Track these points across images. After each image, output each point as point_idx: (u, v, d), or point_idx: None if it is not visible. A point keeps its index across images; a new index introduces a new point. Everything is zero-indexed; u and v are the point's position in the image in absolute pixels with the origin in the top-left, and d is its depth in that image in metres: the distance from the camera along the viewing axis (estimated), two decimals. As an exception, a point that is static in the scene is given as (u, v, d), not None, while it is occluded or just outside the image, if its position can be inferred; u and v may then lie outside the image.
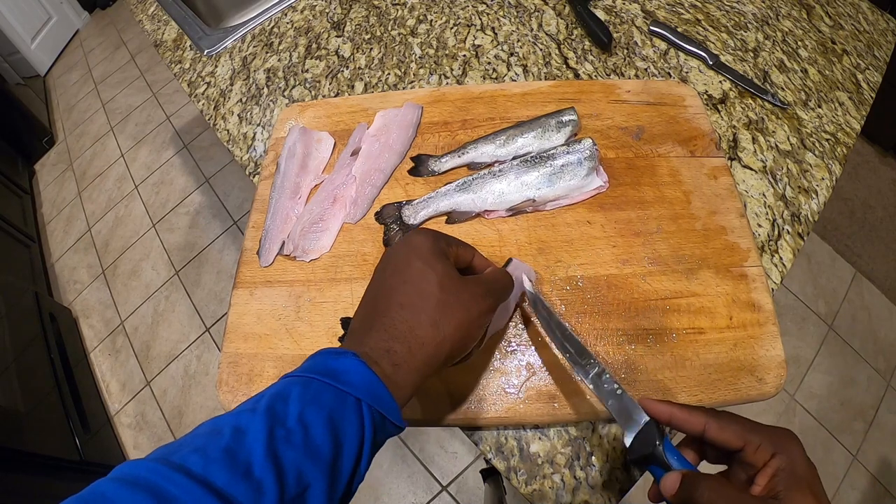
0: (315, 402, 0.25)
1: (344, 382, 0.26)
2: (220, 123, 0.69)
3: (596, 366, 0.36)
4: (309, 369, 0.28)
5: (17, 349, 1.27)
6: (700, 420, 0.31)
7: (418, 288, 0.32)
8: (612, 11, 0.71)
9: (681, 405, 0.32)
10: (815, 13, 0.69)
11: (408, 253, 0.34)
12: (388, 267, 0.35)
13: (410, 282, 0.32)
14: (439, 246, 0.35)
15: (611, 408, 0.34)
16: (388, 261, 0.35)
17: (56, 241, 1.89)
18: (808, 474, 0.28)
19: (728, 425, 0.30)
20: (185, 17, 0.85)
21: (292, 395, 0.26)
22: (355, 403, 0.26)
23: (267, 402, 0.25)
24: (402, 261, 0.34)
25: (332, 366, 0.27)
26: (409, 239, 0.35)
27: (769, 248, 0.51)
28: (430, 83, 0.67)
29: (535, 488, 0.42)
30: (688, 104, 0.56)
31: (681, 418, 0.31)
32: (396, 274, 0.33)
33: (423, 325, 0.30)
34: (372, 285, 0.35)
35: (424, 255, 0.33)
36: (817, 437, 1.22)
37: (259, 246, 0.52)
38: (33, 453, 1.11)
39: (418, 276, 0.32)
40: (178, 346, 1.54)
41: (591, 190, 0.50)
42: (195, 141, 2.01)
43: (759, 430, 0.30)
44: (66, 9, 2.65)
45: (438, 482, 1.23)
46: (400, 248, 0.35)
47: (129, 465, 0.23)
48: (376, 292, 0.34)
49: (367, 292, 0.35)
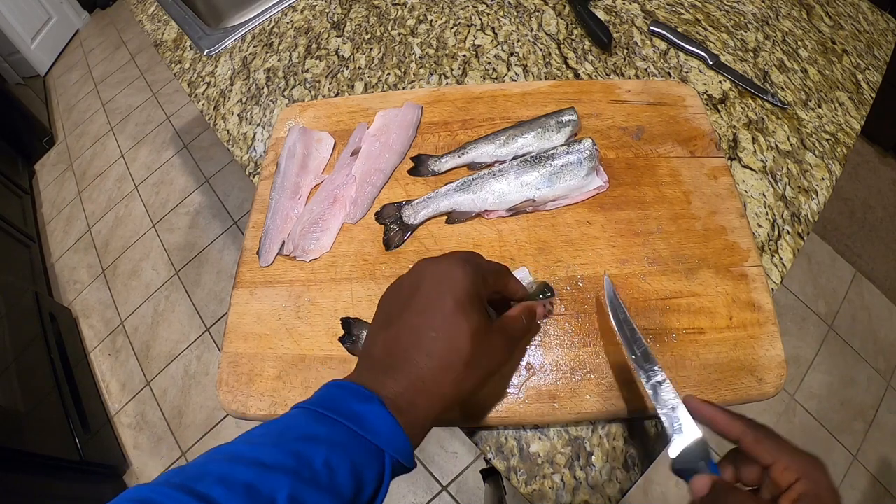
0: (340, 448, 0.25)
1: (370, 431, 0.26)
2: (220, 123, 0.69)
3: (659, 373, 0.36)
4: (334, 409, 0.27)
5: (17, 349, 1.27)
6: (739, 428, 0.31)
7: (450, 340, 0.30)
8: (612, 11, 0.71)
9: (724, 409, 0.32)
10: (815, 13, 0.69)
11: (443, 289, 0.31)
12: (420, 296, 0.32)
13: (442, 330, 0.30)
14: (476, 287, 0.32)
15: (664, 416, 0.34)
16: (420, 287, 0.32)
17: (56, 241, 1.89)
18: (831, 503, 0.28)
19: (764, 439, 0.30)
20: (185, 17, 0.85)
21: (319, 437, 0.25)
22: (378, 452, 0.26)
23: (293, 444, 0.25)
24: (435, 296, 0.31)
25: (357, 411, 0.27)
26: (447, 271, 0.32)
27: (769, 248, 0.51)
28: (430, 83, 0.67)
29: (535, 488, 0.42)
30: (688, 104, 0.56)
31: (721, 422, 0.32)
32: (428, 312, 0.31)
33: (448, 382, 0.30)
34: (396, 306, 0.33)
35: (461, 297, 0.31)
36: (817, 437, 1.22)
37: (259, 246, 0.52)
38: (33, 453, 1.11)
39: (451, 326, 0.30)
40: (178, 346, 1.54)
41: (591, 190, 0.50)
42: (195, 141, 2.01)
43: (791, 451, 0.30)
44: (66, 9, 2.65)
45: (438, 482, 1.23)
46: (435, 277, 0.32)
47: (146, 489, 0.23)
48: (402, 324, 0.31)
49: (391, 313, 0.32)
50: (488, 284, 0.34)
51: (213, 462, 0.24)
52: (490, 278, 0.35)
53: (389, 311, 0.33)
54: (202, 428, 1.40)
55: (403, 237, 0.50)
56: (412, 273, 0.34)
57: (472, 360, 0.30)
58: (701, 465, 0.31)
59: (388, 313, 0.33)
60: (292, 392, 0.44)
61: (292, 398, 0.44)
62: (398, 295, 0.33)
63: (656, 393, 0.36)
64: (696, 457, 0.32)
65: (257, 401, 0.44)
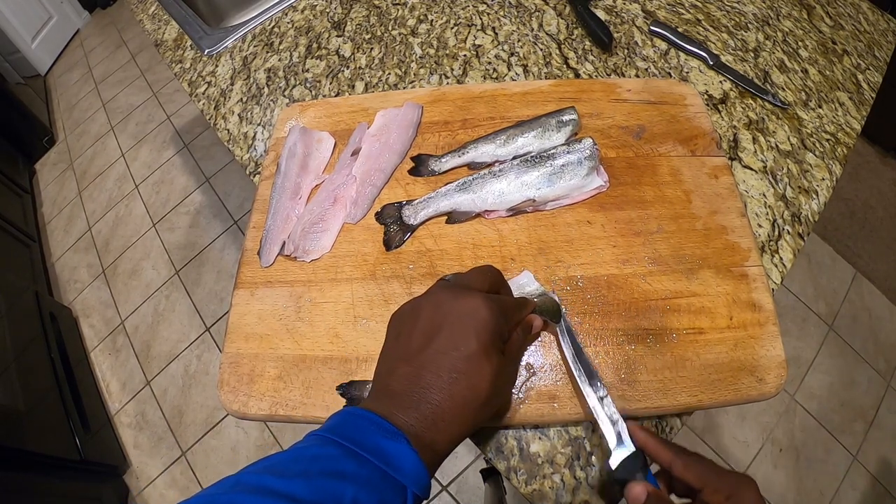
0: (369, 486, 0.26)
1: (397, 469, 0.27)
2: (220, 123, 0.69)
3: (601, 388, 0.39)
4: (361, 445, 0.27)
5: (17, 348, 1.27)
6: (668, 456, 0.33)
7: (472, 382, 0.30)
8: (612, 11, 0.71)
9: (658, 438, 0.35)
10: (815, 13, 0.69)
11: (467, 330, 0.31)
12: (444, 334, 0.31)
13: (465, 373, 0.30)
14: (500, 328, 0.32)
15: (605, 429, 0.37)
16: (443, 325, 0.31)
17: (56, 240, 1.89)
18: None
19: (692, 466, 0.32)
20: (185, 16, 0.85)
21: (348, 474, 0.26)
22: (402, 489, 0.27)
23: (323, 479, 0.25)
24: (459, 336, 0.31)
25: (385, 448, 0.27)
26: (473, 312, 0.31)
27: (769, 248, 0.51)
28: (430, 83, 0.67)
29: (535, 488, 0.42)
30: (689, 103, 0.56)
31: (652, 449, 0.34)
32: (451, 352, 0.30)
33: (467, 420, 0.31)
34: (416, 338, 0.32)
35: (485, 340, 0.31)
36: (818, 437, 1.22)
37: (260, 246, 0.52)
38: (33, 452, 1.11)
39: (475, 369, 0.30)
40: (179, 345, 1.54)
41: (591, 189, 0.50)
42: (196, 140, 2.01)
43: (719, 474, 0.32)
44: (67, 8, 2.65)
45: (438, 482, 1.23)
46: (460, 316, 0.31)
47: None
48: (424, 361, 0.31)
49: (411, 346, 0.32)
50: (510, 322, 0.35)
51: (241, 494, 0.24)
52: (512, 315, 0.35)
53: (409, 343, 0.32)
54: (202, 427, 1.40)
55: (404, 237, 0.50)
56: (432, 303, 0.33)
57: (490, 399, 0.31)
58: (639, 475, 0.34)
59: (409, 346, 0.32)
60: (293, 392, 0.44)
61: (293, 398, 0.44)
62: (417, 324, 0.33)
63: (599, 407, 0.38)
64: (635, 467, 0.34)
65: (258, 401, 0.44)
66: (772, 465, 1.19)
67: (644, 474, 0.34)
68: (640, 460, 0.35)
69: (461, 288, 0.34)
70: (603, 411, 0.37)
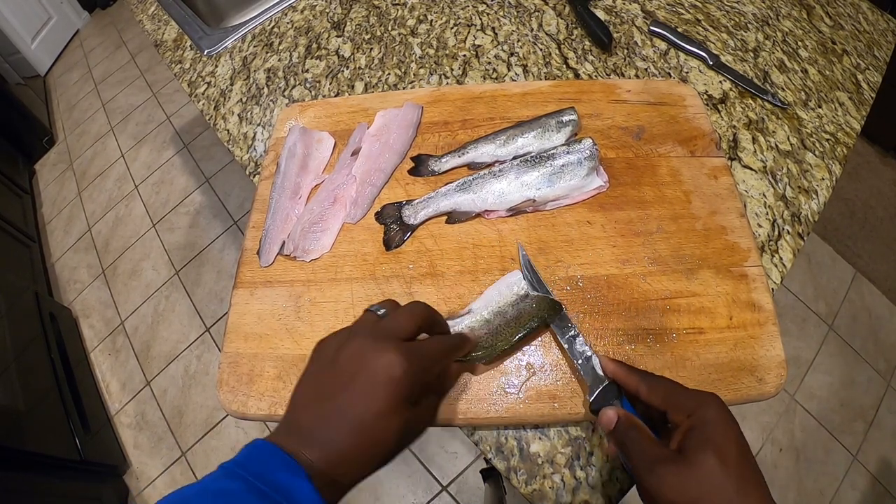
0: None
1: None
2: (220, 123, 0.69)
3: (573, 328, 0.42)
4: (262, 478, 0.28)
5: (17, 349, 1.27)
6: (634, 381, 0.35)
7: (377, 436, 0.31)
8: (612, 11, 0.71)
9: (626, 367, 0.37)
10: (815, 13, 0.69)
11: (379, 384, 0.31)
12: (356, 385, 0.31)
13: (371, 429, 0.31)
14: (412, 385, 0.31)
15: (580, 367, 0.39)
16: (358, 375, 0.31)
17: (56, 240, 1.89)
18: (718, 437, 0.29)
19: (656, 388, 0.34)
20: (185, 16, 0.85)
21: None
22: None
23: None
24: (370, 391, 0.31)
25: (285, 485, 0.28)
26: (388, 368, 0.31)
27: (769, 248, 0.51)
28: (430, 83, 0.67)
29: (535, 488, 0.42)
30: (688, 104, 0.56)
31: (621, 377, 0.36)
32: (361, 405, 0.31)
33: (373, 465, 0.31)
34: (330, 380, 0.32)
35: (395, 397, 0.31)
36: (818, 437, 1.22)
37: (259, 246, 0.52)
38: (33, 452, 1.11)
39: (381, 427, 0.31)
40: (179, 345, 1.54)
41: (591, 190, 0.50)
42: (195, 141, 2.01)
43: (683, 393, 0.33)
44: (66, 8, 2.65)
45: (438, 482, 1.23)
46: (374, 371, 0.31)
47: None
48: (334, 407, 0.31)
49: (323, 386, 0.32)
50: (433, 371, 0.34)
51: None
52: (434, 365, 0.34)
53: (323, 386, 0.32)
54: (202, 428, 1.40)
55: (404, 237, 0.50)
56: (353, 350, 0.33)
57: (398, 446, 0.32)
58: (615, 403, 0.36)
59: (322, 388, 0.32)
60: (292, 392, 0.44)
61: (292, 398, 0.44)
62: (335, 368, 0.32)
63: (571, 346, 0.41)
64: (610, 397, 0.36)
65: (257, 401, 0.44)
66: (772, 464, 1.19)
67: (620, 402, 0.36)
68: (614, 391, 0.37)
69: (383, 338, 0.33)
70: (576, 349, 0.40)
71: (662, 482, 0.28)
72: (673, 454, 0.30)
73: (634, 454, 0.31)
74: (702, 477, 0.27)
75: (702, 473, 0.28)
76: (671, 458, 0.29)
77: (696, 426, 0.30)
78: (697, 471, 0.28)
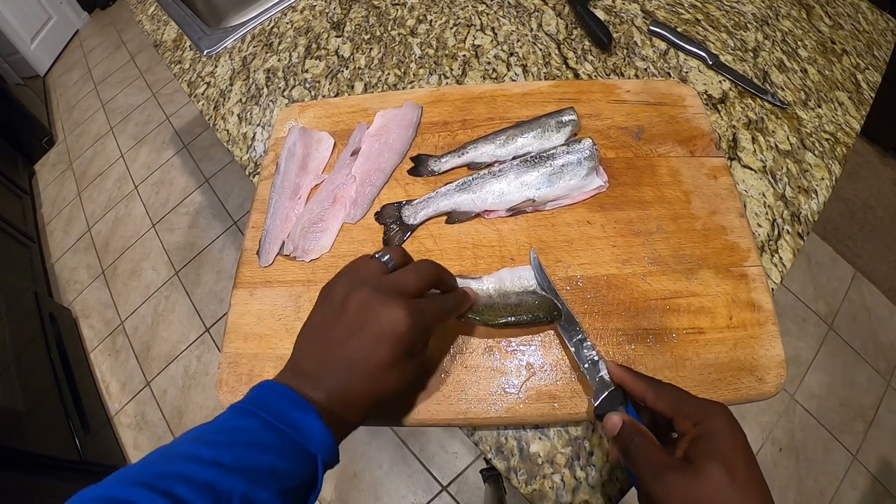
0: (283, 454, 0.29)
1: (308, 440, 0.30)
2: (219, 123, 0.69)
3: (580, 332, 0.42)
4: (276, 416, 0.30)
5: (17, 349, 1.27)
6: (641, 387, 0.35)
7: (379, 387, 0.33)
8: (611, 11, 0.71)
9: (634, 373, 0.36)
10: (814, 13, 0.69)
11: (384, 338, 0.33)
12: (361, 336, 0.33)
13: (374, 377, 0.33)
14: (415, 340, 0.33)
15: (587, 371, 0.39)
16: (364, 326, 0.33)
17: (56, 241, 1.89)
18: (725, 447, 0.29)
19: (663, 395, 0.34)
20: (184, 17, 0.85)
21: (266, 444, 0.29)
22: (313, 457, 0.30)
23: (245, 449, 0.28)
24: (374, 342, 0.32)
25: (297, 421, 0.30)
26: (393, 322, 0.32)
27: (769, 248, 0.51)
28: (429, 83, 0.67)
29: (535, 488, 0.42)
30: (688, 104, 0.56)
31: (628, 383, 0.36)
32: (363, 355, 0.33)
33: (375, 406, 0.34)
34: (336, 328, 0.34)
35: (398, 350, 0.33)
36: (817, 437, 1.22)
37: (259, 246, 0.52)
38: (33, 453, 1.11)
39: (383, 376, 0.33)
40: (178, 346, 1.54)
41: (590, 190, 0.50)
42: (195, 141, 2.01)
43: (690, 401, 0.33)
44: (66, 9, 2.66)
45: (438, 482, 1.23)
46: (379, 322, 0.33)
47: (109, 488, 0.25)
48: (338, 354, 0.33)
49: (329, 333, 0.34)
50: (430, 333, 0.36)
51: (173, 462, 0.27)
52: (436, 322, 0.36)
53: (329, 334, 0.34)
54: (202, 428, 1.40)
55: (403, 237, 0.50)
56: (359, 300, 0.34)
57: (397, 392, 0.34)
58: (620, 409, 0.35)
59: (328, 335, 0.34)
60: (292, 392, 0.44)
61: (292, 398, 0.44)
62: (341, 318, 0.34)
63: (578, 350, 0.41)
64: (616, 403, 0.36)
65: (257, 401, 0.44)
66: (772, 464, 1.19)
67: (625, 408, 0.35)
68: (619, 396, 0.36)
69: (391, 293, 0.34)
70: (583, 353, 0.40)
71: (668, 490, 0.28)
72: (679, 462, 0.29)
73: (639, 460, 0.31)
74: (709, 487, 0.27)
75: (709, 483, 0.27)
76: (678, 466, 0.29)
77: (703, 435, 0.30)
78: (704, 480, 0.28)
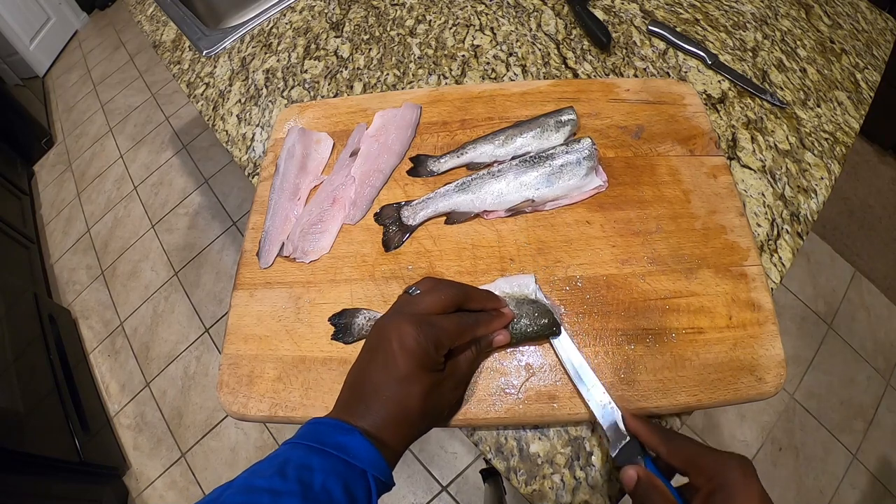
0: (334, 473, 0.30)
1: (354, 456, 0.31)
2: (218, 124, 0.69)
3: (596, 382, 0.40)
4: (322, 442, 0.32)
5: (16, 350, 1.27)
6: (655, 440, 0.35)
7: (401, 401, 0.34)
8: (610, 11, 0.71)
9: (648, 425, 0.36)
10: (813, 13, 0.69)
11: (395, 353, 0.34)
12: (380, 354, 0.35)
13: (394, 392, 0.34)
14: (428, 352, 0.35)
15: (602, 420, 0.39)
16: (380, 345, 0.35)
17: (55, 242, 1.89)
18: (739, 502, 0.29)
19: (678, 450, 0.33)
20: (183, 17, 0.85)
21: (315, 466, 0.30)
22: (363, 473, 0.31)
23: (295, 472, 0.29)
24: (390, 358, 0.34)
25: (341, 441, 0.32)
26: (402, 336, 0.34)
27: (769, 248, 0.51)
28: (428, 83, 0.67)
29: (535, 488, 0.42)
30: (687, 103, 0.56)
31: (643, 436, 0.36)
32: (384, 372, 0.35)
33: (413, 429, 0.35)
34: (366, 354, 0.37)
35: (412, 364, 0.34)
36: (817, 436, 1.22)
37: (258, 247, 0.52)
38: (33, 454, 1.11)
39: (402, 389, 0.34)
40: (178, 346, 1.54)
41: (590, 189, 0.50)
42: (194, 141, 2.01)
43: (704, 455, 0.32)
44: (65, 9, 2.65)
45: (438, 482, 1.23)
46: (391, 338, 0.35)
47: None
48: (366, 377, 0.35)
49: (362, 361, 0.37)
50: (452, 344, 0.37)
51: (234, 494, 0.28)
52: (453, 339, 0.37)
53: (360, 361, 0.37)
54: (202, 429, 1.39)
55: (403, 238, 0.50)
56: (377, 326, 0.37)
57: (423, 412, 0.35)
58: (637, 460, 0.35)
59: (360, 363, 0.37)
60: (292, 393, 0.44)
61: (292, 399, 0.44)
62: (366, 345, 0.37)
63: (592, 399, 0.40)
64: (633, 453, 0.36)
65: (258, 402, 0.44)
66: (772, 464, 1.20)
67: (642, 458, 0.35)
68: (636, 447, 0.36)
69: (401, 313, 0.36)
70: (598, 402, 0.39)
71: None
72: None
73: None
74: None
75: None
76: None
77: (717, 491, 0.29)
78: None
